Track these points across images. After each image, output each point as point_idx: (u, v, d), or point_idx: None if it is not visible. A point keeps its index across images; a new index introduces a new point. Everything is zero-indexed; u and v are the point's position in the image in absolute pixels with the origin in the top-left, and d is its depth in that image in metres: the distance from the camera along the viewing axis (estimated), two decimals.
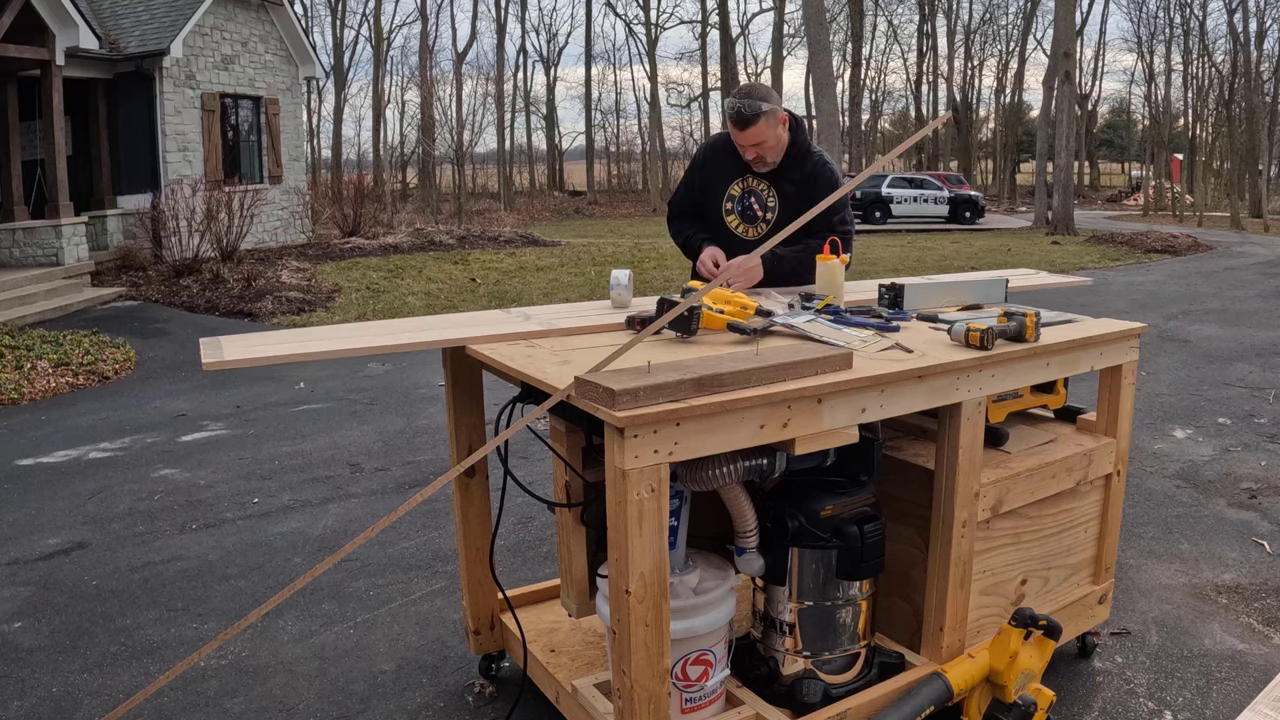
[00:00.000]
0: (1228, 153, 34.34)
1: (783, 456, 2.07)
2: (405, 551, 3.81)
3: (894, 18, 44.41)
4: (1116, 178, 51.21)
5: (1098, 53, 47.21)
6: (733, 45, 39.11)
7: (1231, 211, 25.64)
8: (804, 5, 22.69)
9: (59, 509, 4.39)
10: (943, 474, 2.34)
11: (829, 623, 2.30)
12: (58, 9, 11.16)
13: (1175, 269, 14.56)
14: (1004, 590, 2.55)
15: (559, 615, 2.74)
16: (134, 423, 5.94)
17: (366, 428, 5.67)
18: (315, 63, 17.90)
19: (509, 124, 41.80)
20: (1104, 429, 2.76)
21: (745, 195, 3.16)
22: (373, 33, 36.71)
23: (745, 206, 3.17)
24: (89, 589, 3.52)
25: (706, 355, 2.11)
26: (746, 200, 3.16)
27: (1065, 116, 21.50)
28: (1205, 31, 40.95)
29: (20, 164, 11.91)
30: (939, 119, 3.49)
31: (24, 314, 9.61)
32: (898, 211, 25.66)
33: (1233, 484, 4.52)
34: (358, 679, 2.86)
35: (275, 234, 16.17)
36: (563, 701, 2.42)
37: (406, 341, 2.36)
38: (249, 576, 3.61)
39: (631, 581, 1.86)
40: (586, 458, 2.26)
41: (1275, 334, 8.62)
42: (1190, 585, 3.44)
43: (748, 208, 3.16)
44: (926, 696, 2.27)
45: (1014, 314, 2.39)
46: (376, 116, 37.00)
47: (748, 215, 3.17)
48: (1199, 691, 2.72)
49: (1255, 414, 5.80)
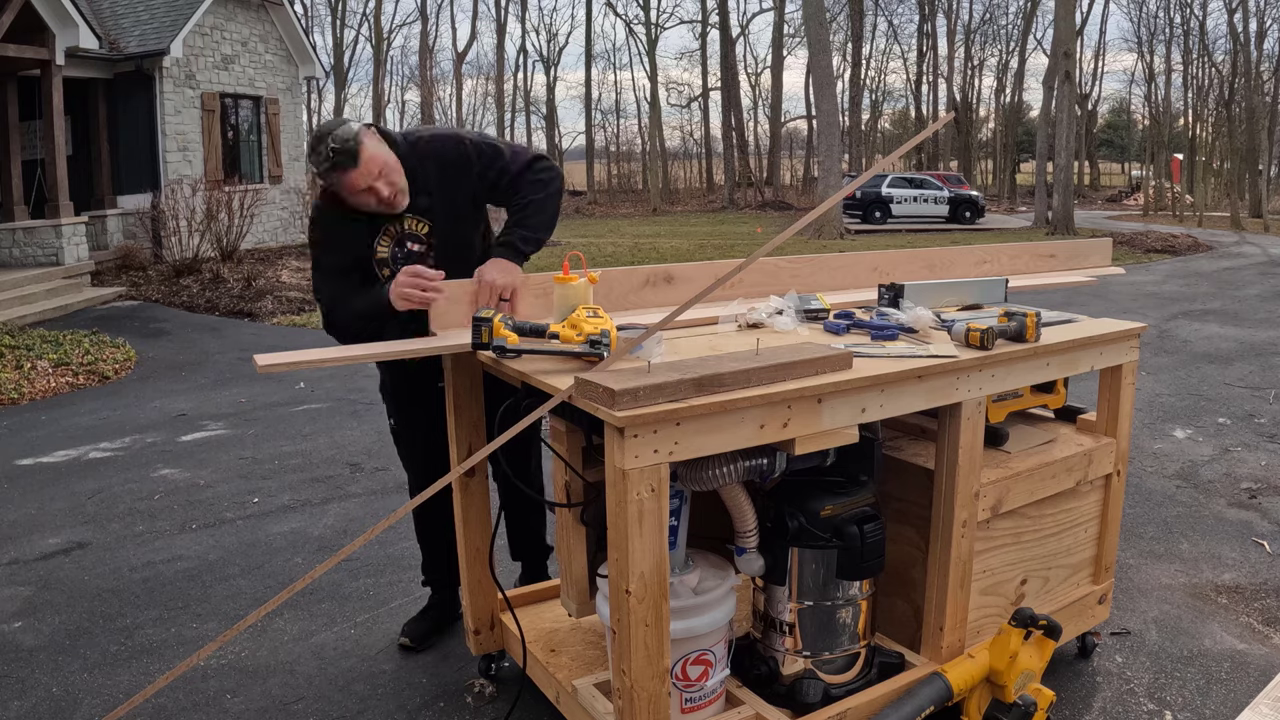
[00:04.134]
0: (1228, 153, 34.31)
1: (783, 456, 2.07)
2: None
3: (894, 18, 44.54)
4: (1116, 178, 51.18)
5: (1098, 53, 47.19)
6: (733, 45, 39.14)
7: (1231, 211, 25.63)
8: (804, 5, 22.71)
9: (59, 509, 4.39)
10: (943, 474, 2.34)
11: (829, 623, 2.30)
12: (58, 9, 11.16)
13: (1175, 269, 14.56)
14: (1004, 590, 2.55)
15: (559, 615, 2.74)
16: (134, 423, 5.94)
17: (366, 428, 5.67)
18: (315, 63, 17.90)
19: (509, 124, 41.81)
20: (1104, 429, 2.76)
21: (398, 247, 2.60)
22: (373, 33, 36.72)
23: (405, 256, 2.59)
24: (89, 589, 3.52)
25: (706, 355, 2.11)
26: (402, 250, 2.60)
27: (1065, 116, 21.50)
28: (1205, 31, 40.97)
29: (20, 164, 11.92)
30: (941, 120, 3.45)
31: (24, 314, 9.61)
32: (898, 211, 25.65)
33: (1233, 484, 4.52)
34: (358, 679, 2.86)
35: (275, 234, 16.18)
36: (563, 701, 2.42)
37: (437, 345, 2.34)
38: (249, 576, 3.61)
39: (631, 581, 1.86)
40: (586, 458, 2.26)
41: (1275, 334, 8.62)
42: (1190, 585, 3.44)
43: (408, 257, 2.59)
44: (926, 696, 2.27)
45: (1014, 314, 2.39)
46: (377, 116, 36.98)
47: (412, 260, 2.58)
48: (1199, 691, 2.72)
49: (1255, 414, 5.79)
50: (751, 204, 34.92)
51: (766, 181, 39.32)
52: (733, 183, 37.41)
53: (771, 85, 39.96)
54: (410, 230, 2.61)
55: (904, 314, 2.50)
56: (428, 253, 2.62)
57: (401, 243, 2.60)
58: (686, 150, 47.14)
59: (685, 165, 46.65)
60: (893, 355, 2.20)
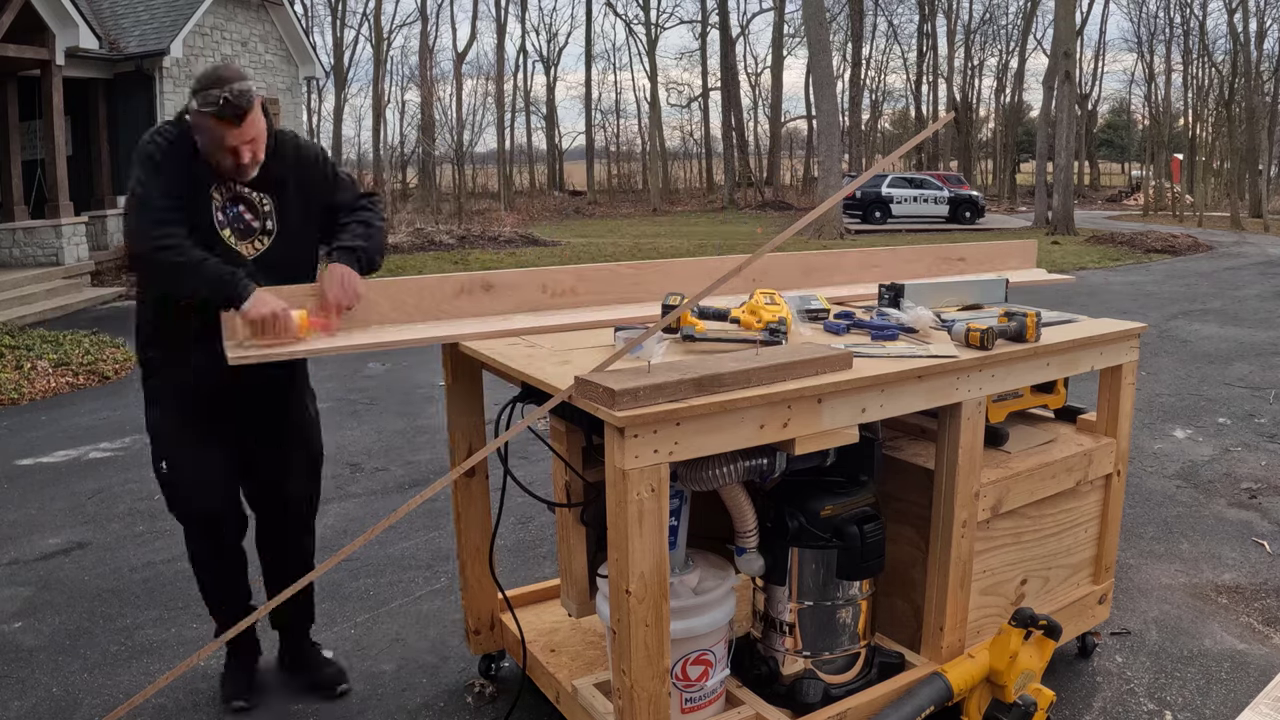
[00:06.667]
0: (1228, 153, 34.29)
1: (783, 456, 2.07)
2: (405, 551, 3.81)
3: (894, 18, 44.38)
4: (1116, 178, 51.18)
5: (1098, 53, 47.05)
6: (733, 45, 39.13)
7: (1231, 211, 25.63)
8: (804, 5, 22.69)
9: (59, 509, 4.38)
10: (943, 474, 2.34)
11: (829, 623, 2.30)
12: (58, 9, 11.16)
13: (1175, 269, 14.56)
14: (1004, 590, 2.55)
15: (559, 615, 2.74)
16: (134, 423, 5.94)
17: (366, 428, 5.67)
18: (315, 63, 17.90)
19: (509, 124, 41.80)
20: (1104, 429, 2.76)
21: (230, 204, 2.46)
22: (373, 33, 36.67)
23: (235, 217, 2.47)
24: (89, 589, 3.52)
25: (706, 355, 2.11)
26: (234, 209, 2.47)
27: (1065, 116, 21.50)
28: (1205, 31, 40.92)
29: (20, 164, 11.92)
30: (941, 120, 3.42)
31: (24, 314, 9.61)
32: (898, 211, 25.65)
33: (1233, 484, 4.52)
34: (358, 679, 2.86)
35: None
36: (563, 701, 2.42)
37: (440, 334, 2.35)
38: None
39: (631, 581, 1.86)
40: (586, 458, 2.26)
41: (1275, 334, 8.62)
42: (1190, 585, 3.44)
43: (237, 218, 2.47)
44: (926, 696, 2.27)
45: (1014, 314, 2.39)
46: (376, 116, 36.97)
47: (240, 228, 2.47)
48: (1199, 691, 2.72)
49: (1255, 414, 5.79)
50: (751, 204, 34.92)
51: (766, 181, 39.32)
52: (733, 183, 37.41)
53: (771, 85, 39.99)
54: (247, 196, 2.48)
55: (904, 314, 2.50)
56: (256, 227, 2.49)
57: (233, 203, 2.47)
58: (686, 150, 47.17)
59: (685, 165, 46.67)
60: (893, 355, 2.20)
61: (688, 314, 2.26)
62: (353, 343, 2.34)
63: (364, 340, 2.36)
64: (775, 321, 2.23)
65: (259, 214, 2.49)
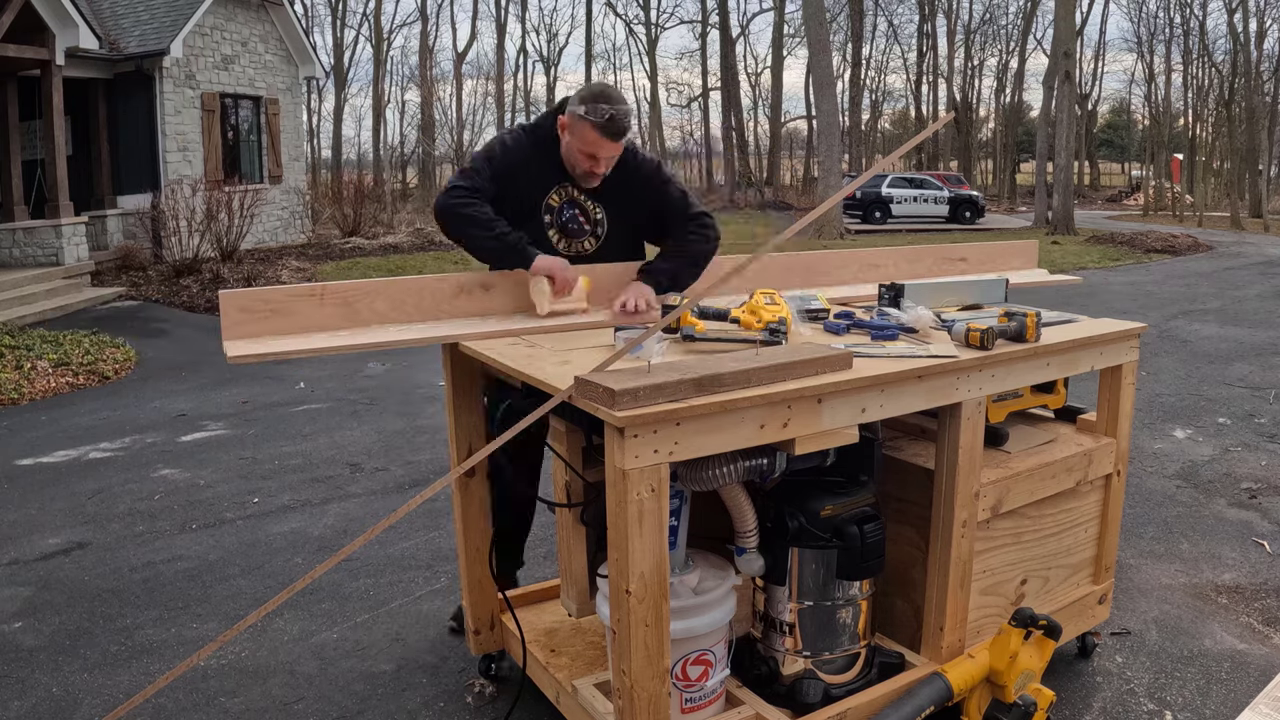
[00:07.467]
0: (1228, 153, 34.31)
1: (783, 456, 2.06)
2: (405, 551, 3.81)
3: (894, 18, 44.37)
4: (1116, 178, 51.19)
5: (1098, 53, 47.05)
6: (733, 45, 39.11)
7: (1231, 211, 25.64)
8: (804, 5, 22.70)
9: (59, 509, 4.38)
10: (943, 474, 2.34)
11: (829, 623, 2.30)
12: (58, 9, 11.16)
13: (1175, 269, 14.56)
14: (1004, 590, 2.55)
15: (559, 615, 2.74)
16: (134, 423, 5.94)
17: (366, 428, 5.67)
18: (315, 63, 17.90)
19: (509, 124, 41.79)
20: (1104, 429, 2.76)
21: (565, 207, 2.74)
22: (373, 33, 36.69)
23: (568, 219, 2.75)
24: (89, 589, 3.52)
25: (706, 355, 2.11)
26: (568, 212, 2.74)
27: (1065, 116, 21.50)
28: (1205, 31, 40.93)
29: (20, 164, 11.91)
30: (941, 120, 3.42)
31: (24, 314, 9.61)
32: (898, 211, 25.65)
33: (1233, 484, 4.52)
34: (358, 679, 2.86)
35: (275, 234, 16.18)
36: (563, 701, 2.42)
37: (416, 336, 2.35)
38: (249, 576, 3.61)
39: (631, 581, 1.86)
40: (586, 458, 2.26)
41: (1275, 334, 8.62)
42: (1190, 585, 3.44)
43: (570, 220, 2.75)
44: (926, 696, 2.27)
45: (1014, 314, 2.39)
46: (376, 116, 36.99)
47: (570, 230, 2.75)
48: (1199, 691, 2.72)
49: (1255, 414, 5.80)
50: (752, 204, 34.91)
51: (766, 181, 39.32)
52: (733, 183, 37.40)
53: (771, 85, 39.98)
54: (583, 204, 2.75)
55: (904, 314, 2.50)
56: (588, 230, 2.77)
57: (568, 206, 2.74)
58: (686, 150, 47.17)
59: (685, 165, 46.66)
60: (893, 355, 2.20)
61: (688, 314, 2.27)
62: (353, 342, 2.34)
63: (364, 340, 2.36)
64: (775, 321, 2.23)
65: (590, 220, 2.77)
